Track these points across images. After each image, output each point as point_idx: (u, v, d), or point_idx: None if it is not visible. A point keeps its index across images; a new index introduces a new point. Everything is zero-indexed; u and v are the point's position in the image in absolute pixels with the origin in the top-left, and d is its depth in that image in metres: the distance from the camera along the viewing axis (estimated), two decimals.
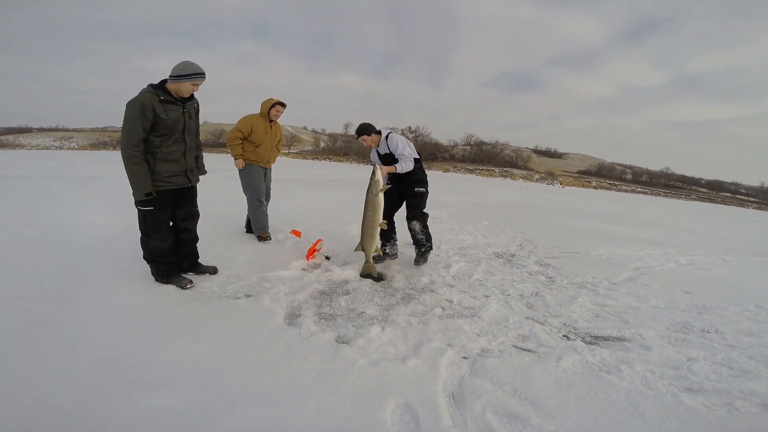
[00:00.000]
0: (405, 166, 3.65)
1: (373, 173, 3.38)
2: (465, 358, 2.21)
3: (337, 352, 2.12)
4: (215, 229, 4.37)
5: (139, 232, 2.81)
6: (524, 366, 2.15)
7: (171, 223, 2.94)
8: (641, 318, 3.04)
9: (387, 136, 3.78)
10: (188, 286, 2.85)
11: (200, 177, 3.10)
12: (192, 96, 2.83)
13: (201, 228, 3.78)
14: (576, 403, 1.85)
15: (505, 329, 2.65)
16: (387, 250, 4.01)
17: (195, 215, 3.11)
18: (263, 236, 4.32)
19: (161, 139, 2.66)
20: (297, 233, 4.08)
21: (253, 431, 1.52)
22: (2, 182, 7.96)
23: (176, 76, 2.64)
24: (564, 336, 2.62)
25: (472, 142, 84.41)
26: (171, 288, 2.82)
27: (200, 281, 3.02)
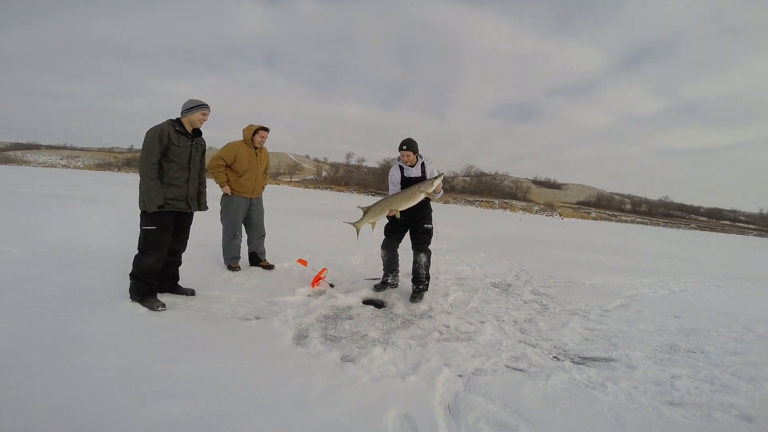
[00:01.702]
0: (442, 193, 3.91)
1: (435, 179, 3.63)
2: (460, 376, 2.37)
3: (342, 369, 2.29)
4: (221, 256, 4.51)
5: (137, 250, 3.05)
6: (515, 383, 2.31)
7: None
8: (629, 341, 3.20)
9: (424, 162, 3.92)
10: (160, 308, 2.93)
11: (203, 211, 3.41)
12: (200, 133, 3.27)
13: (208, 255, 3.96)
14: (562, 415, 2.01)
15: (498, 351, 2.81)
16: (389, 280, 4.18)
17: (184, 240, 3.35)
18: (233, 266, 4.25)
19: (169, 165, 3.05)
20: (303, 262, 4.28)
21: None
22: (12, 199, 8.32)
23: (187, 109, 3.13)
24: (554, 357, 2.78)
25: (472, 173, 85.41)
26: (185, 309, 3.02)
27: (211, 303, 3.21)
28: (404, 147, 3.85)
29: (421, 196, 3.67)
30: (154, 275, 3.07)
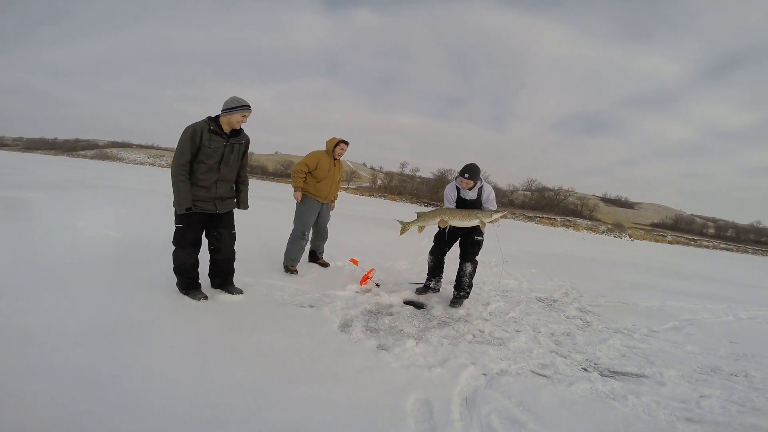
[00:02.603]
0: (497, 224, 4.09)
1: (496, 212, 3.87)
2: (484, 374, 2.58)
3: (376, 355, 2.63)
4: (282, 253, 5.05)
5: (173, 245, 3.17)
6: (536, 386, 2.48)
7: (202, 243, 3.28)
8: (668, 360, 3.19)
9: (482, 187, 4.01)
10: (201, 299, 3.13)
11: (247, 209, 3.49)
12: (241, 132, 3.18)
13: (272, 251, 4.41)
14: (572, 419, 2.15)
15: (527, 357, 2.97)
16: (432, 285, 4.42)
17: (225, 238, 3.33)
18: (291, 268, 4.41)
19: (198, 165, 3.02)
20: (355, 261, 4.70)
21: (309, 399, 2.04)
22: (111, 192, 9.85)
23: (228, 109, 3.03)
24: (582, 368, 2.88)
25: (533, 188, 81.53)
26: (251, 294, 3.50)
27: (273, 290, 3.70)
28: (466, 175, 3.85)
29: (475, 222, 3.82)
30: (190, 269, 3.18)
